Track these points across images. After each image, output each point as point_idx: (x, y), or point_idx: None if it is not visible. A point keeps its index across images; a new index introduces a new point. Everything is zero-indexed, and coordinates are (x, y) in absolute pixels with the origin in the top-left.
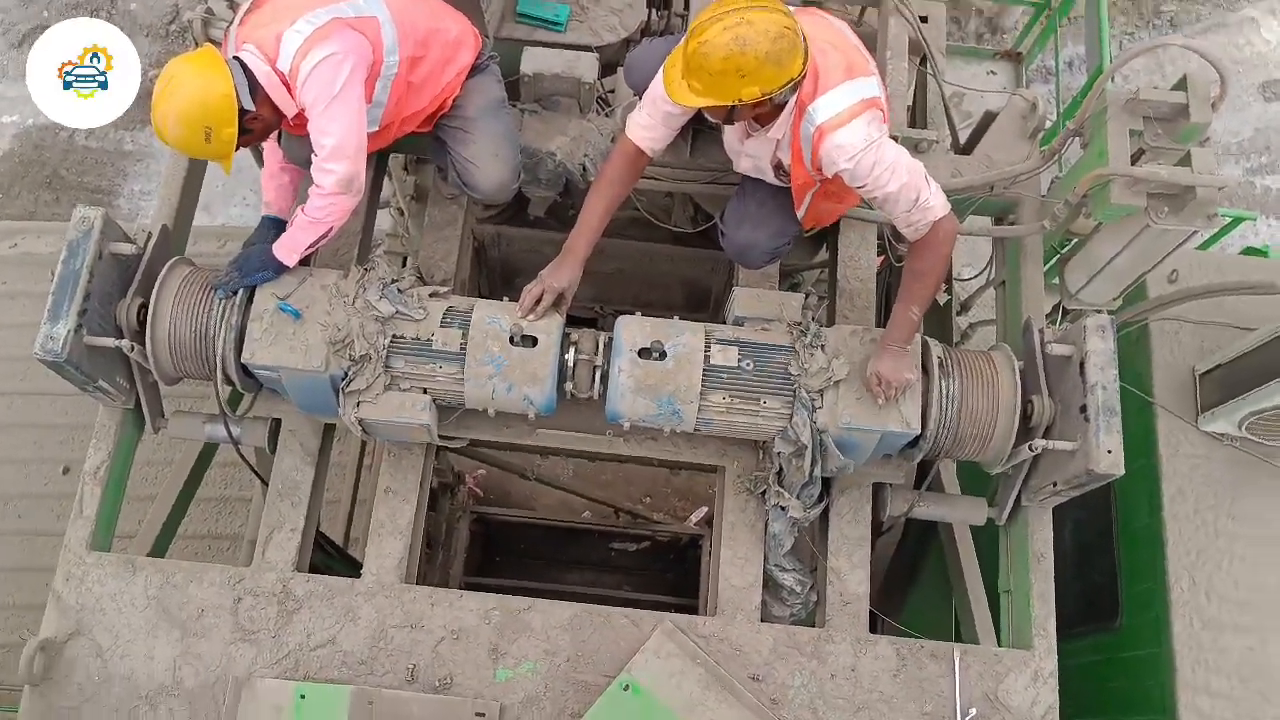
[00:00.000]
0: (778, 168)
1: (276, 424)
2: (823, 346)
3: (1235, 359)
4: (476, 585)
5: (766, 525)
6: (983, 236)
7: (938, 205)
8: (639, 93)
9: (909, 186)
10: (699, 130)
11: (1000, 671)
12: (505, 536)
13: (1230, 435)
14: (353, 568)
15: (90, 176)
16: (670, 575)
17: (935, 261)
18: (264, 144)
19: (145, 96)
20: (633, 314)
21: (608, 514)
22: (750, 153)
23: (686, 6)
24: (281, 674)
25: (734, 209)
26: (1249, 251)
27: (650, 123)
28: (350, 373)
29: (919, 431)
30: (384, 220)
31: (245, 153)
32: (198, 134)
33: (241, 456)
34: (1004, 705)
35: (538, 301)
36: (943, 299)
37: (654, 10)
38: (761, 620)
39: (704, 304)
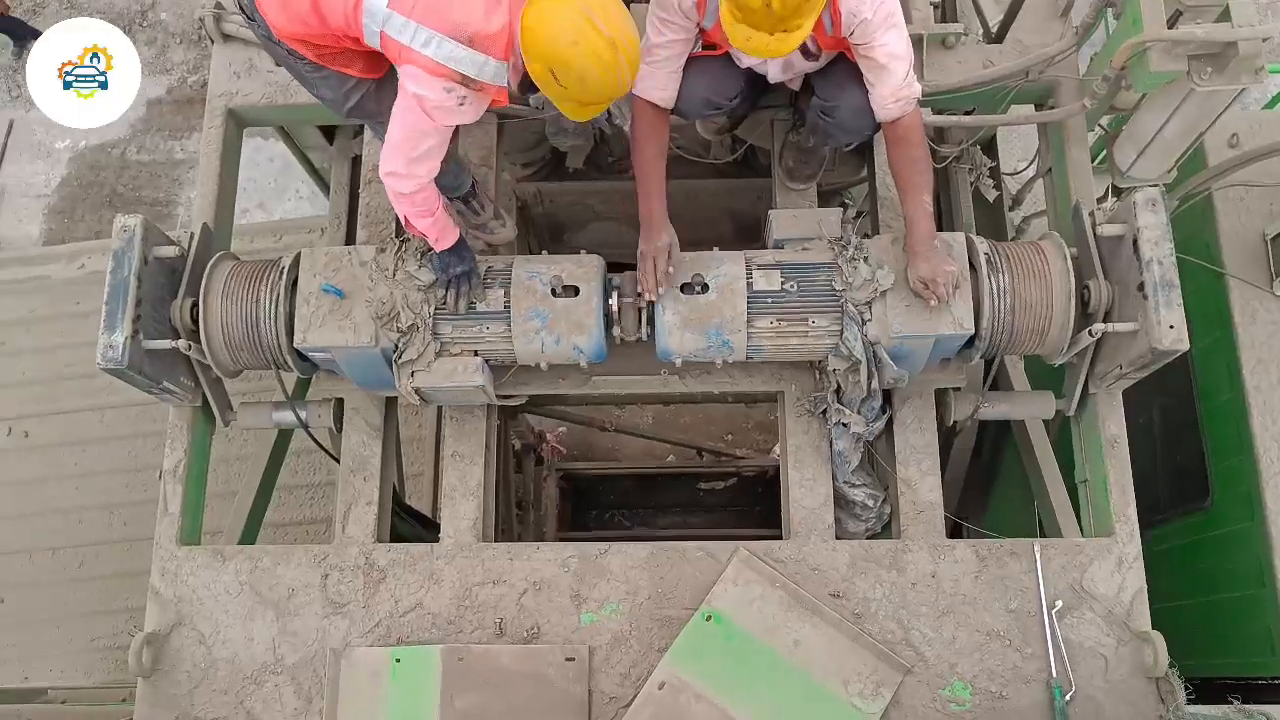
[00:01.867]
0: (804, 51)
1: (340, 404)
2: (865, 258)
3: None
4: (570, 541)
5: (831, 444)
6: (1026, 125)
7: (917, 85)
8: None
9: (907, 56)
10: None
11: (1083, 561)
12: (593, 490)
13: None
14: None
15: (147, 190)
16: (760, 508)
17: (924, 147)
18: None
19: (185, 103)
20: None
21: (691, 455)
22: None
23: None
24: (375, 641)
25: (825, 86)
26: None
27: (653, 75)
28: (400, 344)
29: (972, 331)
30: None
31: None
32: None
33: (313, 438)
34: (1090, 594)
35: (655, 269)
36: (992, 195)
37: None
38: (837, 538)
39: (755, 234)
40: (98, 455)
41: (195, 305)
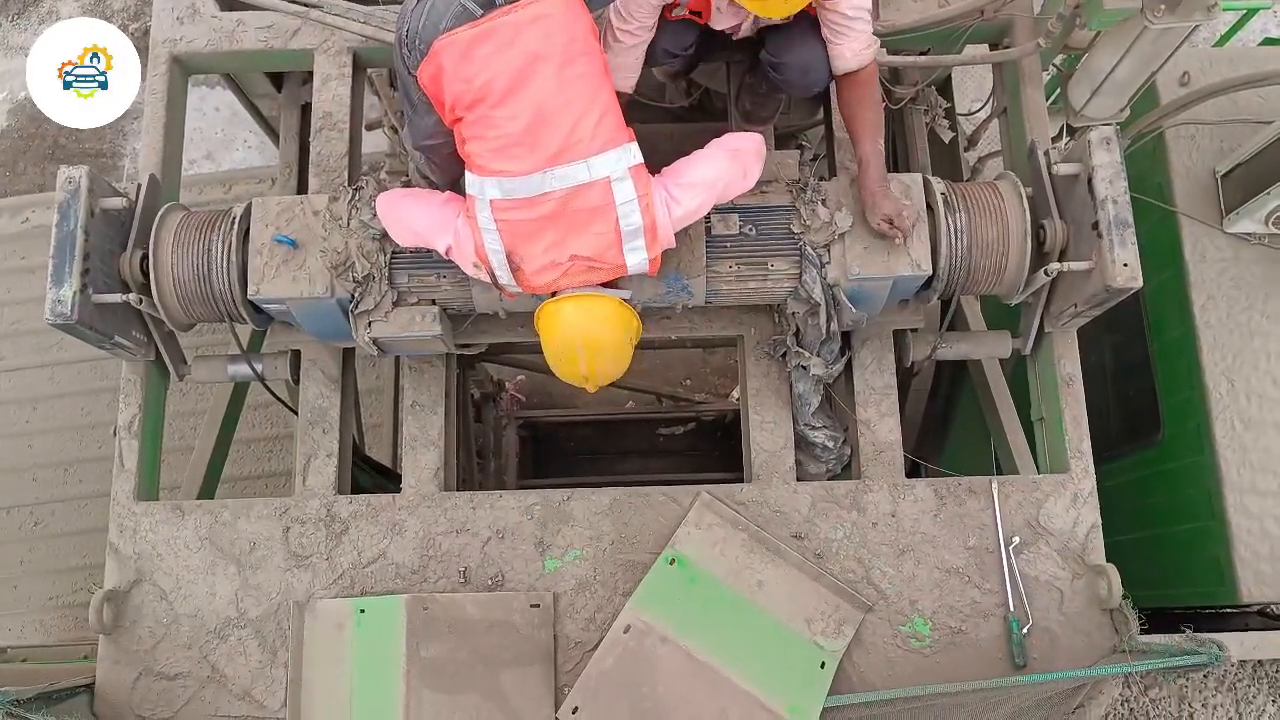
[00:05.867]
0: None
1: (296, 355)
2: (823, 201)
3: (1256, 154)
4: (531, 489)
5: (791, 387)
6: (981, 64)
7: (876, 39)
8: None
9: (868, 9)
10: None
11: (1039, 498)
12: (553, 437)
13: (1257, 234)
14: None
15: (91, 142)
16: (719, 453)
17: (879, 90)
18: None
19: None
20: None
21: (650, 401)
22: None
23: None
24: (339, 593)
25: (774, 42)
26: (1268, 42)
27: (616, 68)
28: (356, 294)
29: (930, 272)
30: (381, 141)
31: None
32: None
33: (270, 391)
34: (1046, 529)
35: None
36: (947, 136)
37: None
38: (798, 480)
39: None
40: (49, 412)
41: (145, 258)
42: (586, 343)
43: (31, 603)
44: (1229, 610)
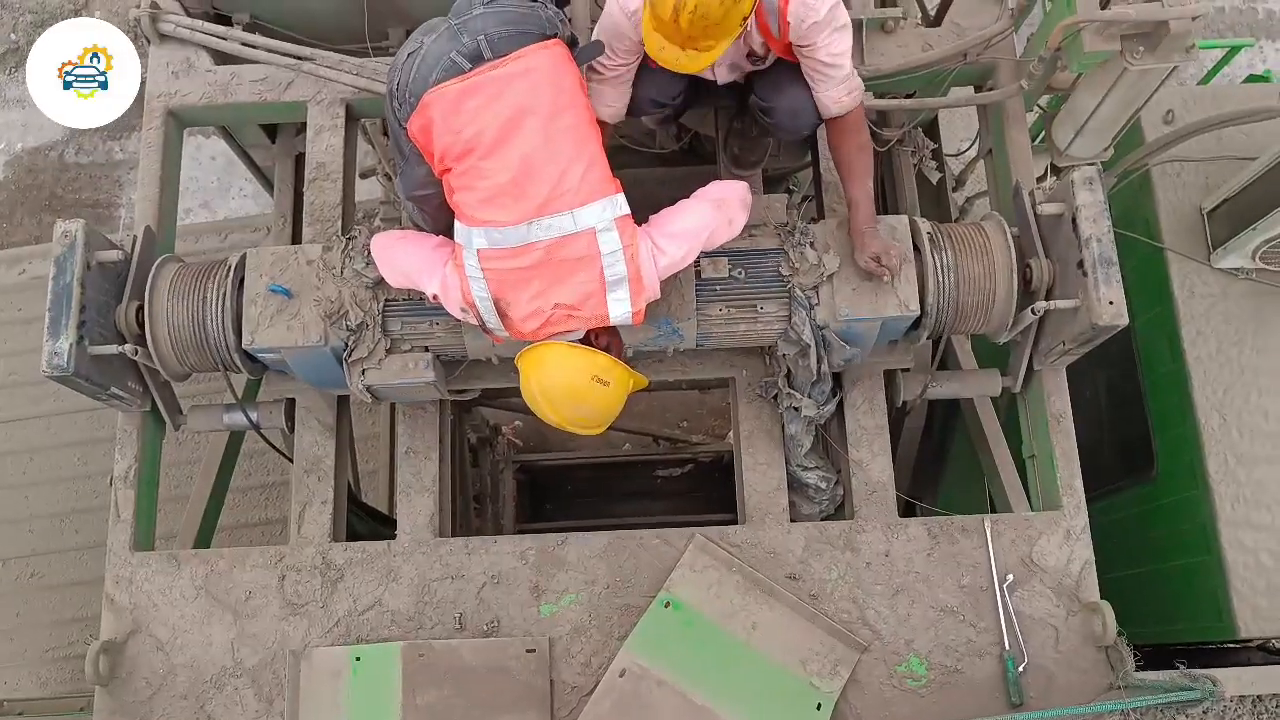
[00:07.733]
0: (750, 55)
1: (291, 404)
2: (811, 243)
3: (1241, 190)
4: (529, 532)
5: (783, 428)
6: (965, 106)
7: (860, 80)
8: None
9: (850, 53)
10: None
11: (1032, 535)
12: (551, 481)
13: (1245, 269)
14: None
15: (87, 192)
16: (718, 494)
17: (867, 134)
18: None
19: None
20: None
21: (647, 443)
22: (720, 60)
23: None
24: (335, 641)
25: (763, 86)
26: (1252, 79)
27: (601, 93)
28: (350, 342)
29: (918, 312)
30: (375, 189)
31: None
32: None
33: (266, 440)
34: (1040, 567)
35: None
36: (935, 177)
37: None
38: (792, 521)
39: None
40: (46, 463)
41: (140, 309)
42: (543, 390)
43: (28, 655)
44: (1230, 645)
